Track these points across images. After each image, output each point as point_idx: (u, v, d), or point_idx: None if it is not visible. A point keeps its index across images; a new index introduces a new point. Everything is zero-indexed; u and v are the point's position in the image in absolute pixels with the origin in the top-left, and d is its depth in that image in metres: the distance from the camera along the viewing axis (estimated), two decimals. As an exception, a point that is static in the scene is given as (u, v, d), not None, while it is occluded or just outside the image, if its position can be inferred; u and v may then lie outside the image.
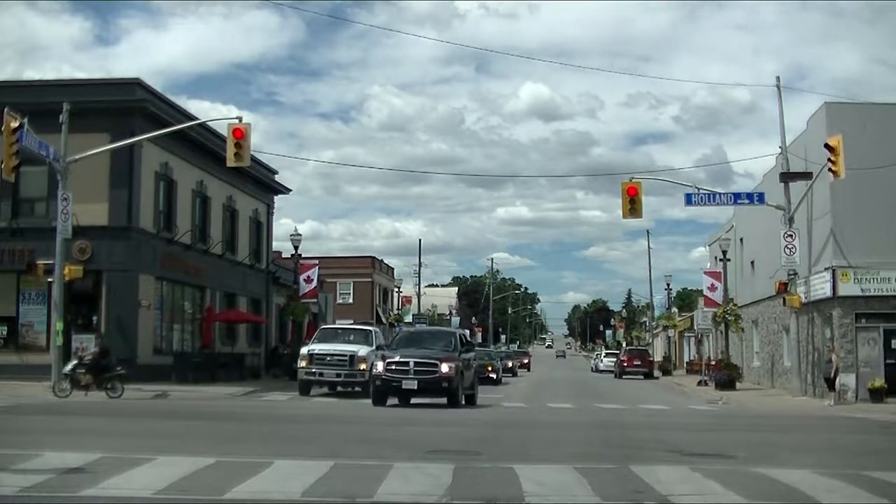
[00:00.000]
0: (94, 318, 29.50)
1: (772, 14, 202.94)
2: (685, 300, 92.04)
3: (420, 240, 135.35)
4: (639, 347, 66.96)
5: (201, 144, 33.57)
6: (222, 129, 27.52)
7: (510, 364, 49.75)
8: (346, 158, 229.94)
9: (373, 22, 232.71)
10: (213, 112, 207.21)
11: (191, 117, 32.19)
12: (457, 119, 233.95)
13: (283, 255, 50.52)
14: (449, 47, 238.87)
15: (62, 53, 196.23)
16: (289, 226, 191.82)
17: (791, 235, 29.64)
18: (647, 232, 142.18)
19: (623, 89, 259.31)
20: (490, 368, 36.88)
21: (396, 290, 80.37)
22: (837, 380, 27.21)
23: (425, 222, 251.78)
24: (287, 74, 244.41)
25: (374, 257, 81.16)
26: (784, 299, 30.15)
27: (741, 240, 43.43)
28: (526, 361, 66.59)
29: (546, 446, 13.72)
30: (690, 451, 13.13)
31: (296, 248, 39.52)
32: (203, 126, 33.48)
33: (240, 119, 25.30)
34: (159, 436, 13.59)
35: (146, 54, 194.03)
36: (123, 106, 29.40)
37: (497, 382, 35.94)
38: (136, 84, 30.33)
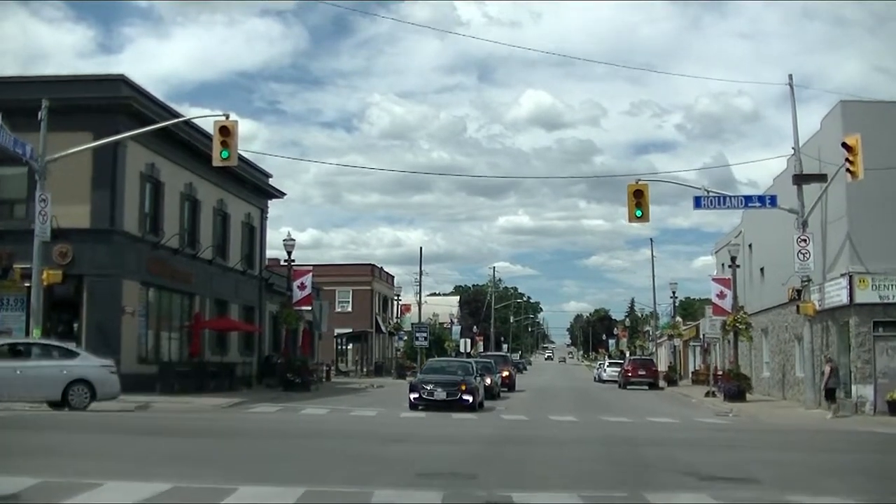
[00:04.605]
0: (76, 325, 28.16)
1: (775, 23, 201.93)
2: (687, 309, 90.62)
3: (421, 248, 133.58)
4: (643, 357, 65.48)
5: (190, 145, 32.28)
6: (212, 129, 26.23)
7: (488, 381, 31.93)
8: (347, 167, 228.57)
9: (376, 31, 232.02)
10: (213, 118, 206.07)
11: (178, 116, 30.85)
12: (459, 127, 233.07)
13: (282, 263, 49.11)
14: (451, 56, 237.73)
15: (65, 61, 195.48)
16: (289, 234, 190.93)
17: (805, 240, 28.32)
18: (651, 240, 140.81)
19: (626, 97, 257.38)
20: (464, 388, 25.68)
21: (396, 298, 79.08)
22: (837, 391, 26.26)
23: (426, 231, 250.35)
24: (289, 83, 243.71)
25: (373, 265, 79.87)
26: (798, 307, 28.82)
27: (749, 246, 42.11)
28: (506, 374, 41.05)
29: (548, 467, 12.38)
30: (709, 473, 11.80)
31: (289, 253, 38.15)
32: (192, 126, 32.26)
33: (227, 116, 24.08)
34: (116, 456, 12.26)
35: (149, 62, 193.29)
36: (107, 103, 28.05)
37: (475, 408, 25.85)
38: (120, 81, 29.03)
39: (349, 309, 74.51)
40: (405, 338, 70.20)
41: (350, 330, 67.84)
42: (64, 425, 17.37)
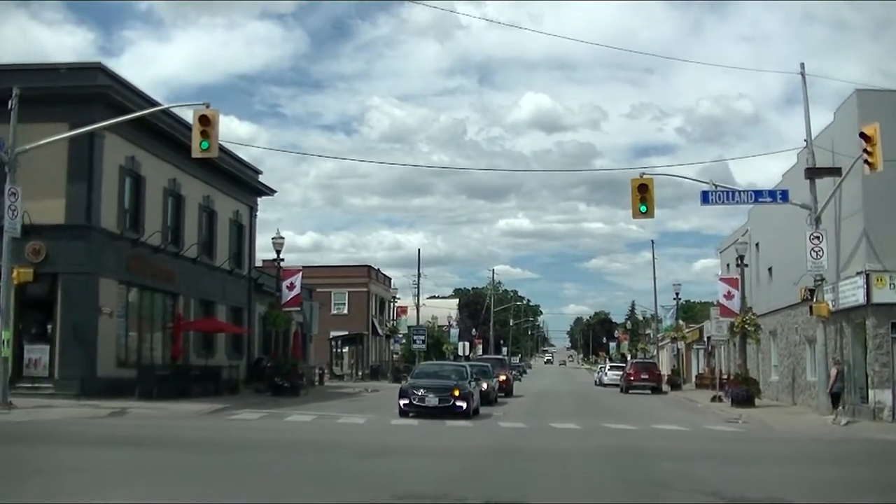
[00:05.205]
0: (49, 326, 26.69)
1: (775, 26, 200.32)
2: (688, 312, 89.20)
3: (419, 249, 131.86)
4: (645, 360, 63.95)
5: (174, 138, 30.67)
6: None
7: (484, 386, 29.94)
8: (347, 169, 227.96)
9: (376, 34, 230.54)
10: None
11: (160, 108, 29.27)
12: (459, 130, 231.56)
13: (286, 267, 47.30)
14: (451, 59, 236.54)
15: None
16: (290, 237, 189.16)
17: (818, 237, 26.84)
18: (652, 242, 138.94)
19: (626, 100, 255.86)
20: (458, 394, 23.79)
21: (393, 300, 77.55)
22: (843, 394, 25.25)
23: (427, 234, 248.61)
24: (290, 86, 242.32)
25: (369, 266, 78.19)
26: (811, 308, 27.31)
27: (756, 245, 40.62)
28: (503, 379, 38.43)
29: (550, 487, 10.91)
30: (732, 493, 10.35)
31: (278, 252, 36.57)
32: (176, 119, 30.83)
33: (207, 105, 22.66)
34: (62, 473, 10.78)
35: (150, 65, 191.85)
36: (83, 93, 26.52)
37: (469, 415, 24.03)
38: (97, 69, 27.54)
39: (345, 311, 72.97)
40: (403, 341, 68.69)
41: (346, 332, 66.31)
42: (21, 435, 15.96)
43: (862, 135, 23.63)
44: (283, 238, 36.76)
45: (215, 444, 15.25)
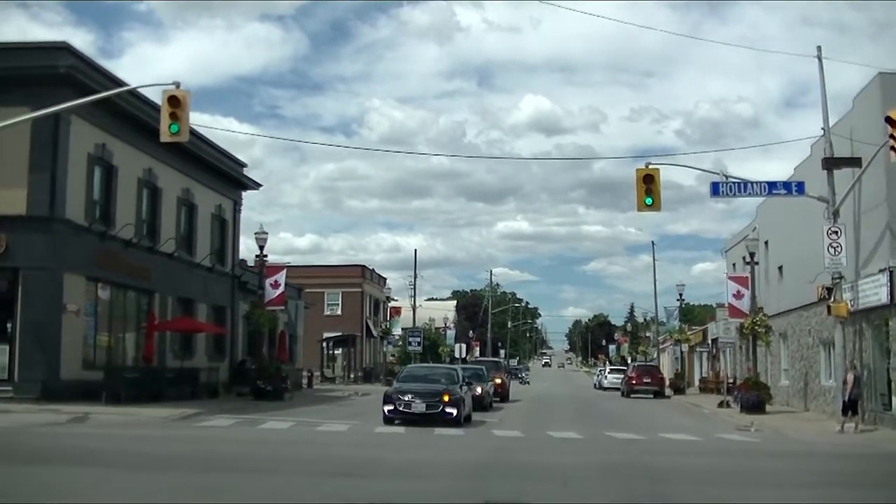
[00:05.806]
0: (9, 324, 24.76)
1: (775, 29, 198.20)
2: (687, 315, 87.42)
3: (416, 250, 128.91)
4: (647, 363, 62.12)
5: (150, 126, 28.57)
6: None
7: (478, 390, 28.08)
8: (347, 171, 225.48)
9: (376, 36, 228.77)
10: (213, 124, 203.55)
11: (131, 92, 27.30)
12: (458, 133, 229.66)
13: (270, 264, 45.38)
14: (451, 61, 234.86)
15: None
16: (288, 239, 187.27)
17: (836, 232, 24.99)
18: (653, 243, 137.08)
19: (626, 103, 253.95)
20: (447, 399, 21.90)
21: (388, 300, 75.66)
22: (859, 403, 23.56)
23: (426, 236, 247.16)
24: (289, 88, 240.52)
25: (363, 266, 76.30)
26: (829, 307, 25.45)
27: (766, 243, 38.76)
28: (498, 382, 36.08)
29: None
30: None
31: (261, 247, 34.62)
32: (152, 106, 28.68)
33: (177, 85, 20.83)
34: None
35: (149, 67, 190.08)
36: (48, 74, 24.56)
37: (460, 422, 22.10)
38: (63, 49, 25.58)
39: (338, 312, 71.08)
40: (399, 343, 66.77)
41: (338, 333, 64.40)
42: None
43: (888, 119, 21.69)
44: (266, 233, 34.85)
45: (164, 458, 13.35)
